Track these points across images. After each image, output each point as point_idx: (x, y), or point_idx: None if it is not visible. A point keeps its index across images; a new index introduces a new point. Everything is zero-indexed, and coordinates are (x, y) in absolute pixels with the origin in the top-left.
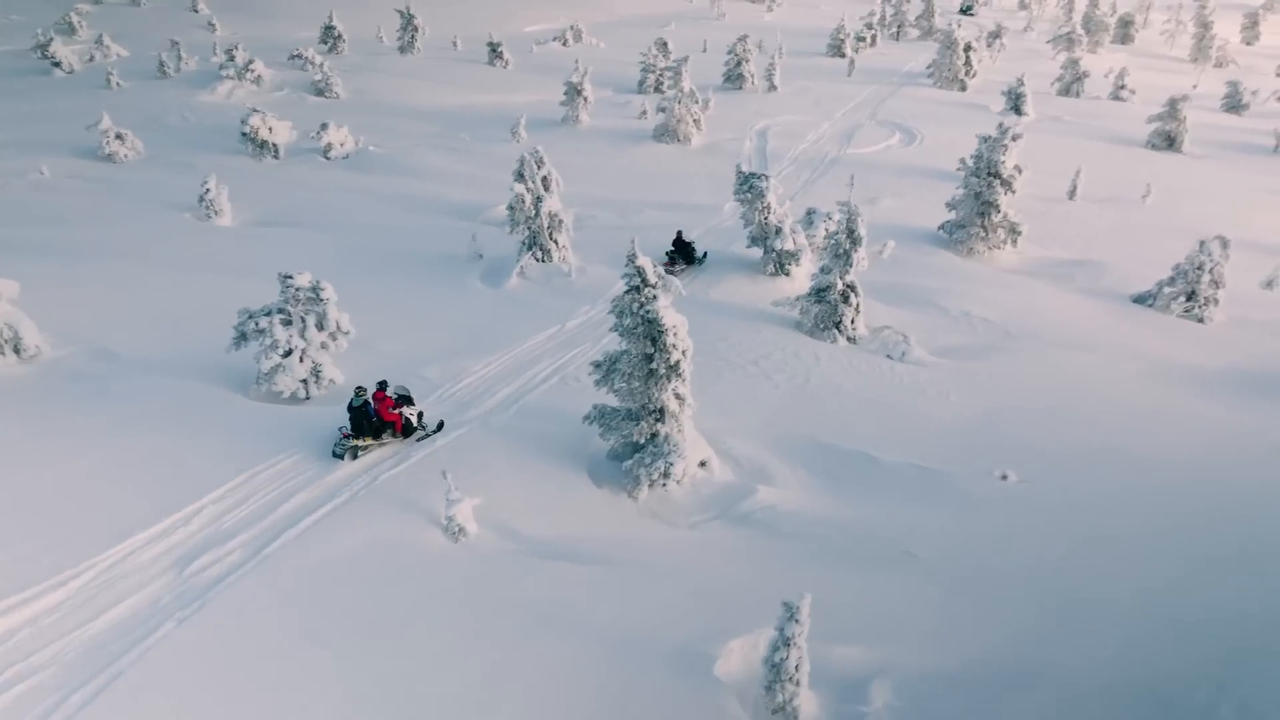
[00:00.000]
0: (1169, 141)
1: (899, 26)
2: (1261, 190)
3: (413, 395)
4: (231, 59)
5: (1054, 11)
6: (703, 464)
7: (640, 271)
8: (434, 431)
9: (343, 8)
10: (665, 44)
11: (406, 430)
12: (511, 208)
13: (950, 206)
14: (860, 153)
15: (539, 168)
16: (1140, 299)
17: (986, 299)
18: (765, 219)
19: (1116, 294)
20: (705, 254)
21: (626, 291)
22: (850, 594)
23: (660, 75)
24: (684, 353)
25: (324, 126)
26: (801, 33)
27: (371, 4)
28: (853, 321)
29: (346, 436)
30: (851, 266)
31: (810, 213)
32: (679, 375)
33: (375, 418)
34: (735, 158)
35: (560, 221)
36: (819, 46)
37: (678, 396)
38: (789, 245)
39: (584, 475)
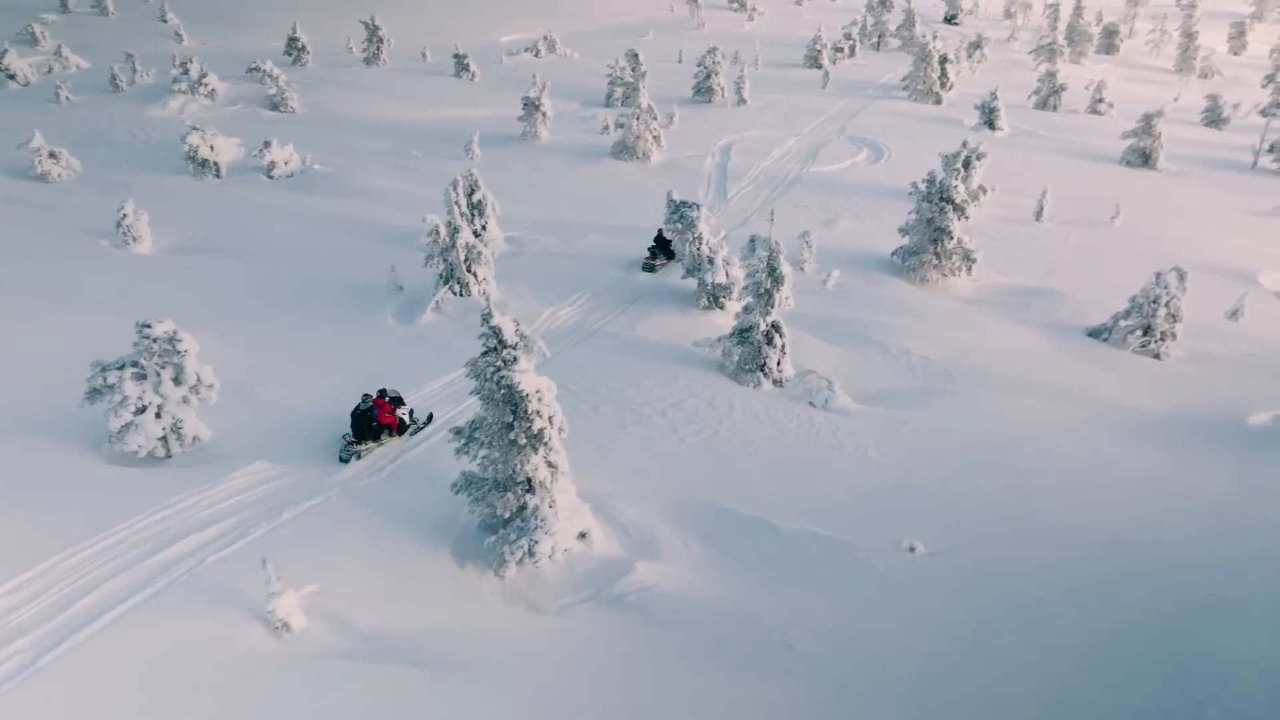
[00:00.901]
0: (1144, 158)
1: (879, 37)
2: (1235, 210)
3: (402, 396)
4: (186, 72)
5: (1039, 21)
6: (582, 535)
7: (497, 332)
8: (425, 424)
9: (315, 18)
10: (636, 55)
11: (401, 429)
12: (428, 238)
13: (903, 232)
14: (824, 171)
15: (473, 192)
16: (1095, 333)
17: (930, 335)
18: (697, 250)
19: (1072, 327)
20: None
21: (483, 354)
22: (714, 704)
23: (627, 89)
24: (550, 419)
25: (266, 145)
26: (781, 43)
27: (347, 13)
28: (779, 364)
29: (350, 443)
30: (774, 307)
31: (753, 240)
32: (544, 444)
33: (374, 421)
34: (695, 175)
35: (479, 253)
36: (796, 57)
37: (550, 465)
38: (721, 278)
39: (446, 552)
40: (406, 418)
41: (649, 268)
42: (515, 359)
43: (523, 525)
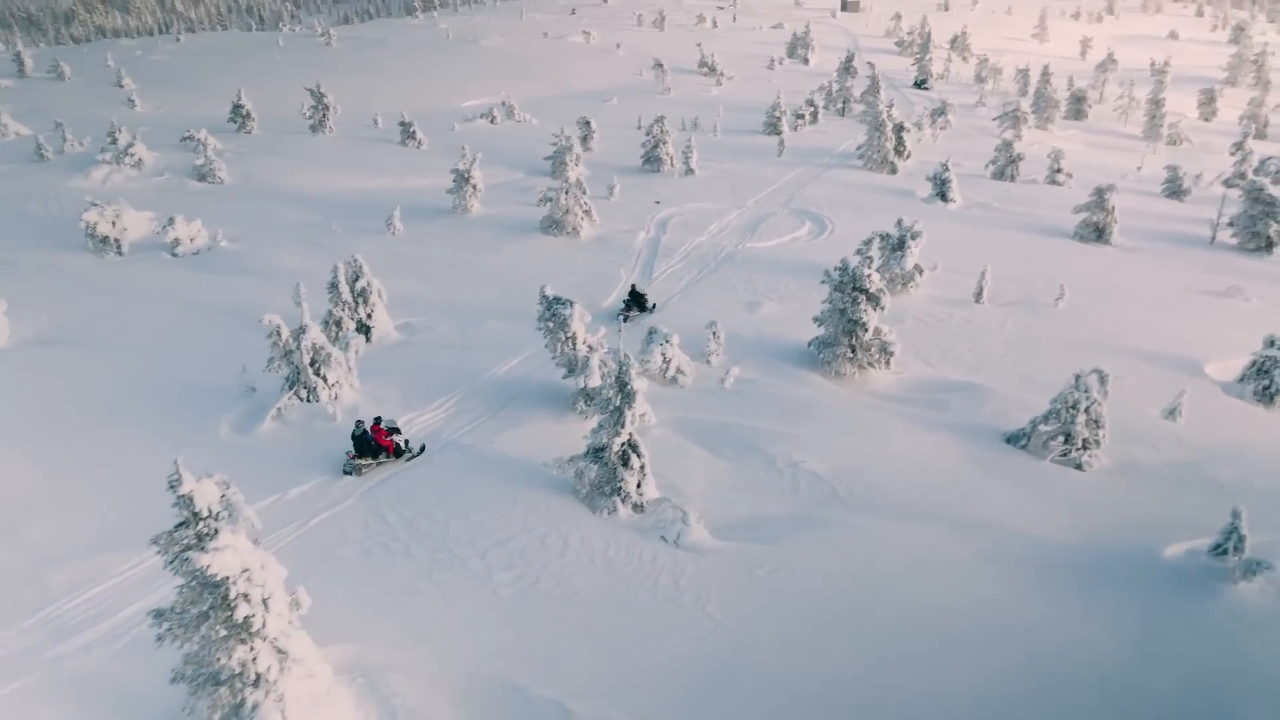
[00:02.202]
0: (1097, 233)
1: (844, 103)
2: (1189, 290)
3: (398, 426)
4: (114, 142)
5: (1009, 86)
6: None
7: (186, 502)
8: (418, 453)
9: (278, 84)
10: (588, 123)
11: (398, 453)
12: (268, 339)
13: (818, 321)
14: (760, 247)
15: (357, 279)
16: (1014, 438)
17: (826, 445)
18: (571, 350)
19: (990, 430)
20: (655, 305)
21: (176, 527)
22: None
23: (575, 159)
24: (266, 601)
25: (170, 220)
26: (745, 108)
27: (310, 79)
28: (638, 486)
29: (353, 458)
30: (623, 426)
31: (651, 334)
32: (254, 634)
33: (372, 442)
34: (625, 252)
35: (328, 355)
36: (757, 124)
37: (279, 651)
38: (595, 381)
39: None
40: (403, 444)
41: (624, 317)
42: (214, 532)
43: None
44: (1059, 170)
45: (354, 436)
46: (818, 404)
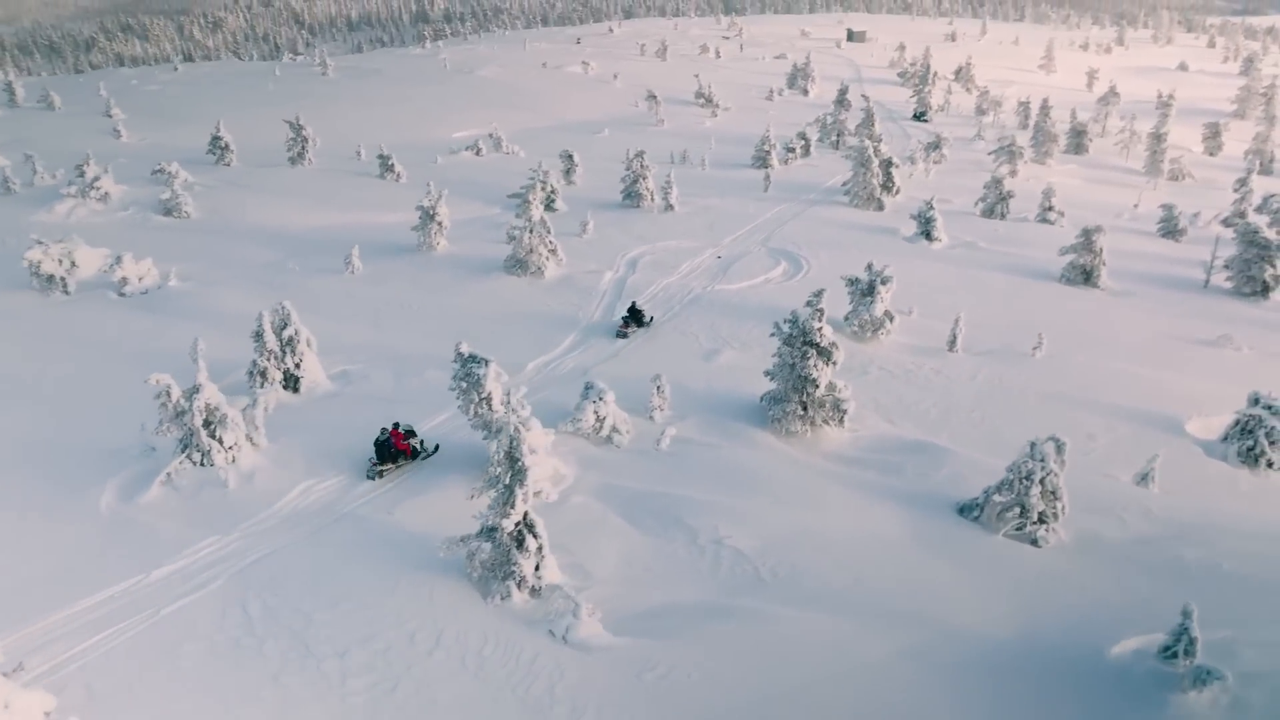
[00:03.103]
0: (1085, 276)
1: (838, 135)
2: (1177, 338)
3: (414, 429)
4: (81, 174)
5: (1010, 118)
6: None
7: None
8: (432, 453)
9: (267, 112)
10: (571, 155)
11: (414, 454)
12: (157, 400)
13: (769, 375)
14: (731, 289)
15: (285, 326)
16: (968, 508)
17: (757, 517)
18: (487, 413)
19: (944, 499)
20: (652, 318)
21: None
22: None
23: (550, 193)
24: None
25: (117, 259)
26: (738, 141)
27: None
28: (537, 569)
29: (375, 465)
30: (514, 506)
31: (586, 389)
32: None
33: (392, 448)
34: (589, 294)
35: (224, 416)
36: (748, 157)
37: None
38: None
39: None
40: (418, 445)
41: (621, 334)
42: None
43: None
44: (1050, 208)
45: (376, 443)
46: (758, 468)
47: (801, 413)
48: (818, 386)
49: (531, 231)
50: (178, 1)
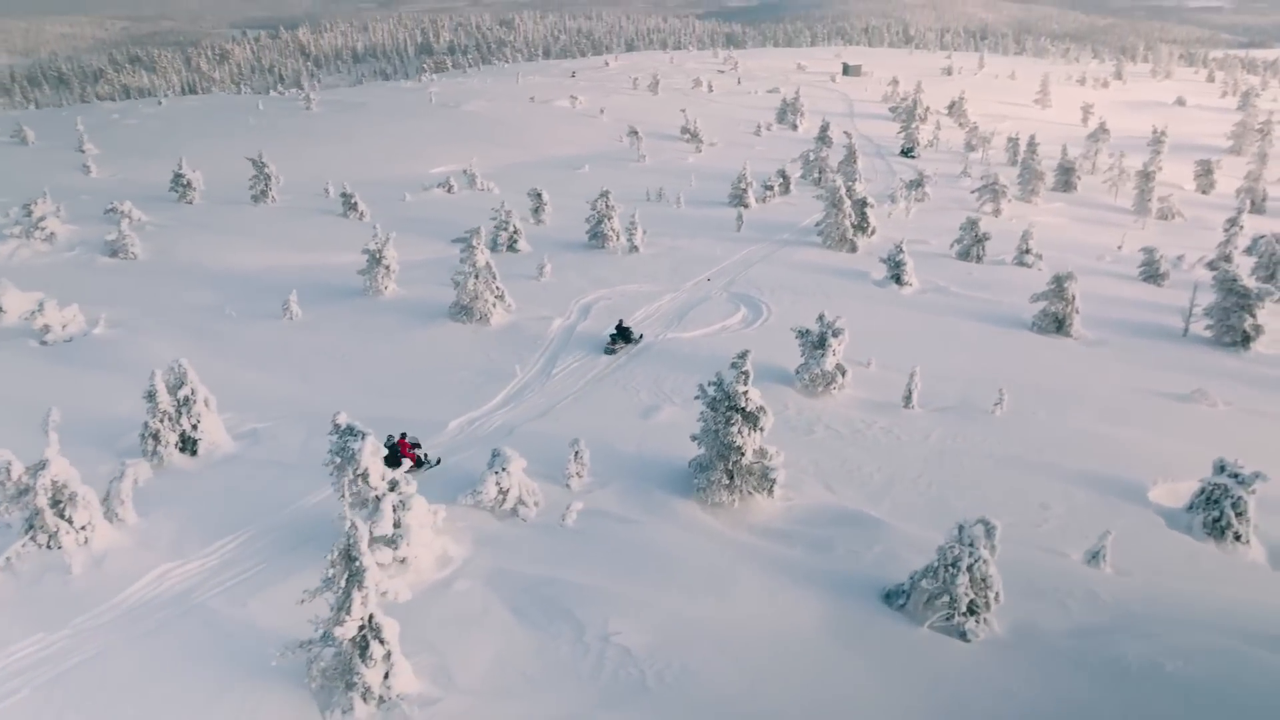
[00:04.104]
0: (1057, 324)
1: (820, 172)
2: (1150, 392)
3: (419, 441)
4: (29, 213)
5: (999, 154)
6: None
7: None
8: (435, 464)
9: (237, 148)
10: (540, 194)
11: (418, 464)
12: None
13: (695, 439)
14: (684, 337)
15: (180, 386)
16: (892, 595)
17: (658, 606)
18: (364, 487)
19: (870, 582)
20: (641, 335)
21: None
22: None
23: (513, 234)
24: None
25: (40, 306)
26: (720, 176)
27: (278, 143)
28: (385, 678)
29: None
30: (350, 613)
31: (494, 456)
32: None
33: (400, 456)
34: (535, 342)
35: (74, 495)
36: (727, 194)
37: None
38: (385, 529)
39: None
40: (422, 456)
41: (610, 351)
42: None
43: None
44: (1028, 250)
45: (387, 446)
46: (671, 547)
47: (727, 482)
48: (743, 454)
49: (477, 277)
50: (190, 33)
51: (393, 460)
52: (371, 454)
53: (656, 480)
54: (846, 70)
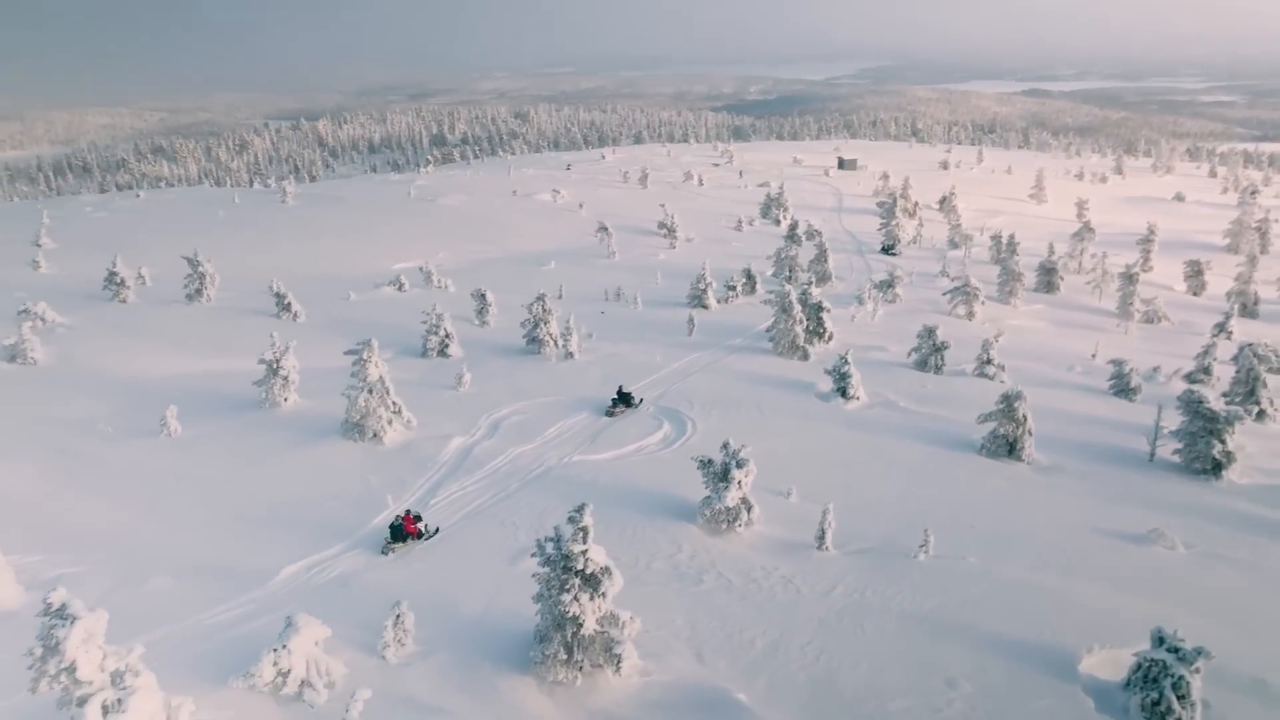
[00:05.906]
0: (1008, 447)
1: (790, 270)
2: (1102, 532)
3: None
4: None
5: (984, 253)
6: None
7: None
8: (434, 534)
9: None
10: (484, 295)
11: (420, 535)
12: None
13: (537, 601)
14: (594, 459)
15: None
16: None
17: None
18: (72, 684)
19: None
20: (641, 399)
21: None
22: None
23: (444, 338)
24: None
25: None
26: (689, 274)
27: (242, 238)
28: None
29: (389, 543)
30: None
31: (286, 625)
32: None
33: (404, 530)
34: (427, 464)
35: None
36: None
37: None
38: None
39: None
40: (423, 529)
41: (610, 413)
42: None
43: None
44: (989, 361)
45: (391, 526)
46: None
47: (564, 657)
48: (581, 625)
49: (370, 392)
50: (224, 125)
51: (397, 535)
52: (81, 642)
53: (495, 649)
54: (842, 164)
